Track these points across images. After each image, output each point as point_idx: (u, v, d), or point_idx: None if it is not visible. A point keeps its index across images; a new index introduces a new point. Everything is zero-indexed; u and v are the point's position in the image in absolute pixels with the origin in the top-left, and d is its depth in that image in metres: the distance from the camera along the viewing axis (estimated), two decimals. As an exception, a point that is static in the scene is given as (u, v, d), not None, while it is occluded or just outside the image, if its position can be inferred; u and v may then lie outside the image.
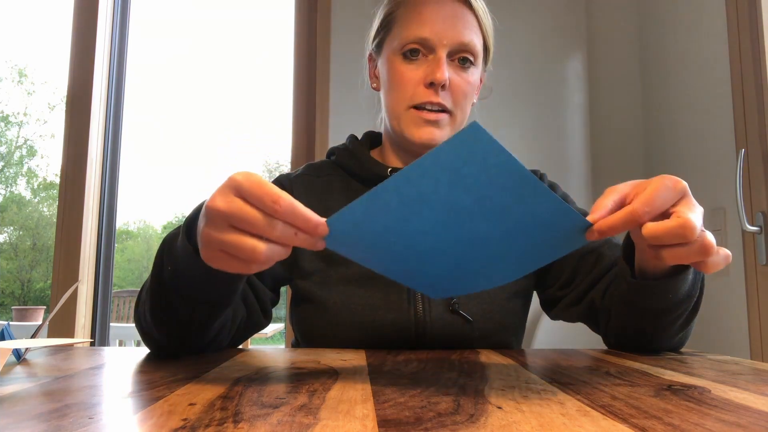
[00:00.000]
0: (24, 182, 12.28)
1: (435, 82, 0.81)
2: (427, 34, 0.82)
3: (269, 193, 0.45)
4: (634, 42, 2.12)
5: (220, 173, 18.95)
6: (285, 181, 0.92)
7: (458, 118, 0.86)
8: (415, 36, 0.83)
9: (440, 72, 0.81)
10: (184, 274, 0.60)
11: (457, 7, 0.85)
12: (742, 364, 0.62)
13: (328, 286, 0.83)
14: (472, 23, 0.85)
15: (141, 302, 0.71)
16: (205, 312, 0.65)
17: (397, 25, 0.86)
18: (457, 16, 0.84)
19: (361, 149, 0.93)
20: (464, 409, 0.39)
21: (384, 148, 0.95)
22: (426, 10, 0.84)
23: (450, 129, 0.86)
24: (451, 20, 0.83)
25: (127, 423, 0.35)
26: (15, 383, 0.49)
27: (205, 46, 20.70)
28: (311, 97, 2.02)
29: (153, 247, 14.13)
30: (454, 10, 0.84)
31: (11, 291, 11.22)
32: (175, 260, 0.60)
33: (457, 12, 0.84)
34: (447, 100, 0.83)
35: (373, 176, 0.89)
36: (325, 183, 0.93)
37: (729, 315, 1.61)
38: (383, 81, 0.89)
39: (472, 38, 0.84)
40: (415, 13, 0.84)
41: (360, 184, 0.92)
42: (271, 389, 0.46)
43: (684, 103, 1.84)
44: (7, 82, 11.92)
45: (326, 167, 0.96)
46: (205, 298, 0.63)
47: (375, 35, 0.91)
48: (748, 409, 0.39)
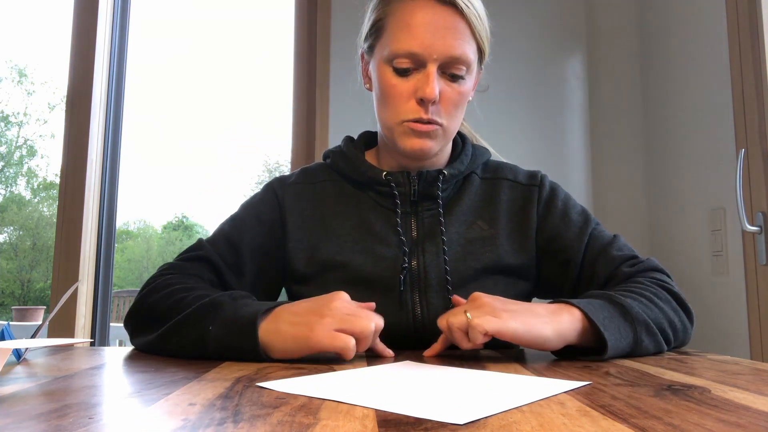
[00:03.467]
0: (24, 182, 12.27)
1: (425, 99, 0.79)
2: (416, 49, 0.79)
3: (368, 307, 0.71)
4: (634, 42, 2.12)
5: (220, 173, 18.94)
6: (278, 188, 0.93)
7: (450, 127, 0.85)
8: (404, 50, 0.80)
9: (430, 89, 0.79)
10: (227, 341, 0.66)
11: (448, 16, 0.81)
12: (742, 364, 0.62)
13: (323, 289, 0.82)
14: (463, 32, 0.82)
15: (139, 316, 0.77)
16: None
17: (386, 33, 0.83)
18: (447, 26, 0.80)
19: (355, 152, 0.92)
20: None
21: (380, 149, 0.94)
22: (415, 22, 0.80)
23: (443, 138, 0.85)
24: (441, 32, 0.80)
25: (127, 423, 0.35)
26: (15, 383, 0.49)
27: (205, 46, 20.70)
28: (311, 97, 2.02)
29: (153, 247, 14.11)
30: (445, 19, 0.80)
31: (11, 291, 11.21)
32: (227, 326, 0.66)
33: (448, 22, 0.80)
34: (438, 114, 0.82)
35: (368, 180, 0.89)
36: (320, 189, 0.92)
37: (729, 315, 1.61)
38: (375, 87, 0.87)
39: (464, 50, 0.81)
40: (404, 23, 0.81)
41: (354, 188, 0.91)
42: (271, 388, 0.46)
43: (684, 103, 1.84)
44: (7, 82, 11.91)
45: (321, 172, 0.95)
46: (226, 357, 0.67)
47: (366, 37, 0.88)
48: (748, 409, 0.39)
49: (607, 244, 0.86)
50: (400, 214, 0.86)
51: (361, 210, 0.89)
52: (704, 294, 1.70)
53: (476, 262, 0.85)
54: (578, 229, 0.88)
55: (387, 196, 0.88)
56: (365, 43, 0.89)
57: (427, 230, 0.87)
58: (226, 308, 0.67)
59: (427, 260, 0.85)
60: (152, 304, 0.75)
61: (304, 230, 0.89)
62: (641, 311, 0.69)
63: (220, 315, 0.67)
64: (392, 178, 0.87)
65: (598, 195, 2.02)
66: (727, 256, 1.62)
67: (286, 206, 0.91)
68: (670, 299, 0.76)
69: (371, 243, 0.86)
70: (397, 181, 0.87)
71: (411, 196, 0.88)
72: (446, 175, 0.88)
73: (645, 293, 0.73)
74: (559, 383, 0.49)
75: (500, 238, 0.88)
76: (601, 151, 2.07)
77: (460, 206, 0.89)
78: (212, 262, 0.85)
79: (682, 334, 0.75)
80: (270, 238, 0.90)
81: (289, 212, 0.90)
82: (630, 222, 2.01)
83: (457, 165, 0.90)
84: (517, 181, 0.93)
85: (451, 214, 0.88)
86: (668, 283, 0.79)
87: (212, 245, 0.87)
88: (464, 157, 0.91)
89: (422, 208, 0.88)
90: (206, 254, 0.85)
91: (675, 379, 0.51)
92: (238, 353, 0.65)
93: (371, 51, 0.87)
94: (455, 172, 0.89)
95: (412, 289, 0.84)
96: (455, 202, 0.90)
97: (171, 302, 0.73)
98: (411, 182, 0.88)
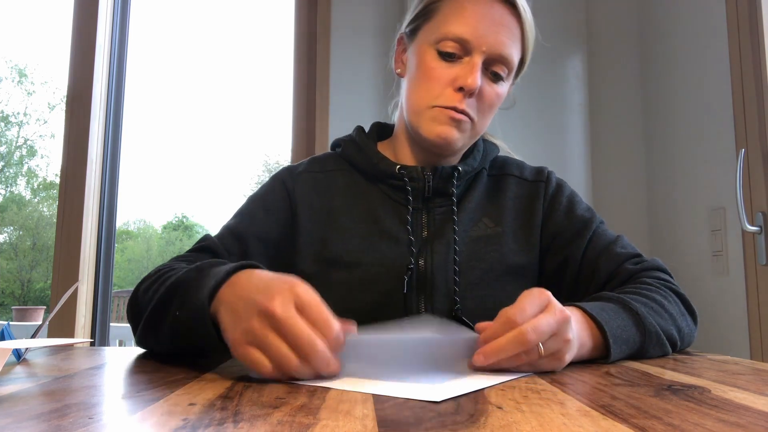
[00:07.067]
0: (24, 182, 12.27)
1: (465, 88, 0.77)
2: (467, 35, 0.77)
3: (327, 321, 0.49)
4: (634, 42, 2.12)
5: (220, 173, 18.95)
6: (288, 179, 0.89)
7: (478, 127, 0.83)
8: (454, 34, 0.77)
9: (472, 78, 0.76)
10: (190, 326, 0.56)
11: (506, 14, 0.79)
12: (742, 364, 0.62)
13: (328, 290, 0.81)
14: (516, 35, 0.80)
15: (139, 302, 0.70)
16: (190, 352, 0.63)
17: (438, 16, 0.80)
18: (503, 23, 0.78)
19: (368, 143, 0.89)
20: (464, 409, 0.39)
21: (395, 141, 0.91)
22: (472, 9, 0.78)
23: (468, 135, 0.82)
24: (495, 26, 0.78)
25: (127, 423, 0.35)
26: (15, 383, 0.49)
27: (205, 45, 20.70)
28: (311, 97, 2.02)
29: (153, 247, 14.12)
30: (501, 16, 0.79)
31: (11, 291, 11.21)
32: (187, 310, 0.56)
33: (505, 20, 0.79)
34: (472, 108, 0.79)
35: (380, 173, 0.86)
36: (329, 179, 0.89)
37: (729, 315, 1.61)
38: (410, 70, 0.84)
39: (512, 51, 0.79)
40: (461, 8, 0.78)
41: (366, 181, 0.88)
42: (271, 389, 0.46)
43: (684, 103, 1.84)
44: (7, 82, 11.91)
45: (331, 161, 0.92)
46: (199, 350, 0.61)
47: (412, 20, 0.85)
48: (748, 409, 0.39)
49: (610, 242, 0.84)
50: (411, 210, 0.84)
51: (371, 203, 0.86)
52: (704, 294, 1.69)
53: (482, 263, 0.83)
54: (581, 226, 0.86)
55: (399, 190, 0.86)
56: (409, 26, 0.86)
57: (438, 228, 0.84)
58: (190, 286, 0.58)
59: (435, 261, 0.82)
60: (140, 295, 0.70)
61: (313, 223, 0.86)
62: (654, 322, 0.66)
63: (182, 296, 0.59)
64: (406, 172, 0.85)
65: (598, 195, 2.02)
66: (727, 256, 1.62)
67: (297, 198, 0.88)
68: (679, 303, 0.74)
69: (378, 239, 0.83)
70: (411, 175, 0.85)
71: (425, 192, 0.85)
72: (461, 171, 0.86)
73: (656, 297, 0.71)
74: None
75: (505, 236, 0.86)
76: (601, 151, 2.07)
77: (469, 203, 0.87)
78: (217, 252, 0.82)
79: (688, 337, 0.74)
80: (279, 228, 0.86)
81: (301, 204, 0.87)
82: (630, 222, 2.01)
83: (470, 162, 0.88)
84: (523, 177, 0.92)
85: (460, 211, 0.86)
86: (675, 284, 0.77)
87: (218, 239, 0.84)
88: (477, 154, 0.90)
89: (434, 205, 0.86)
90: (210, 245, 0.82)
91: (675, 379, 0.51)
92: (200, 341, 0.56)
93: (414, 34, 0.84)
94: (469, 168, 0.87)
95: (418, 292, 0.82)
96: (465, 199, 0.87)
97: (154, 287, 0.67)
98: (425, 178, 0.85)
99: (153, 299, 0.63)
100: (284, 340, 0.48)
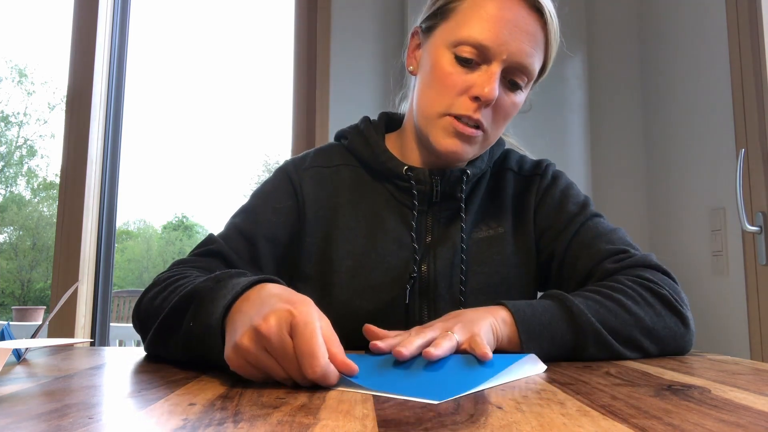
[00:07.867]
0: (24, 182, 12.27)
1: (482, 99, 0.73)
2: (488, 42, 0.72)
3: (313, 353, 0.46)
4: (634, 42, 2.12)
5: (220, 173, 18.94)
6: (294, 174, 0.86)
7: (491, 138, 0.79)
8: (474, 39, 0.72)
9: (490, 88, 0.72)
10: (201, 339, 0.55)
11: (531, 21, 0.74)
12: (742, 364, 0.62)
13: (329, 291, 0.80)
14: (540, 43, 0.75)
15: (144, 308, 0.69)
16: (199, 363, 0.61)
17: (456, 16, 0.75)
18: (528, 31, 0.73)
19: (375, 137, 0.86)
20: (464, 409, 0.39)
21: (403, 137, 0.88)
22: (494, 14, 0.72)
23: (481, 146, 0.79)
24: (519, 34, 0.72)
25: (127, 423, 0.35)
26: (15, 383, 0.49)
27: (205, 45, 20.70)
28: (311, 97, 2.02)
29: (153, 247, 14.11)
30: (527, 23, 0.73)
31: (11, 291, 11.21)
32: (200, 324, 0.55)
33: (530, 26, 0.73)
34: (486, 118, 0.75)
35: (387, 172, 0.83)
36: (335, 174, 0.86)
37: (729, 315, 1.61)
38: (424, 70, 0.79)
39: (533, 60, 0.74)
40: (482, 11, 0.73)
41: (372, 179, 0.86)
42: (271, 389, 0.46)
43: (684, 103, 1.84)
44: (7, 82, 11.91)
45: (336, 154, 0.89)
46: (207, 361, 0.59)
47: (429, 16, 0.80)
48: (748, 409, 0.39)
49: (596, 237, 0.79)
50: (416, 215, 0.81)
51: (375, 202, 0.84)
52: (704, 294, 1.69)
53: (485, 266, 0.82)
54: (568, 221, 0.82)
55: (405, 192, 0.83)
56: (425, 22, 0.81)
57: (443, 233, 0.82)
58: (204, 299, 0.57)
59: (438, 267, 0.80)
60: (148, 302, 0.69)
61: (318, 221, 0.83)
62: (594, 320, 0.63)
63: (197, 307, 0.57)
64: (413, 174, 0.82)
65: (598, 195, 2.02)
66: (727, 256, 1.62)
67: (304, 195, 0.85)
68: (656, 303, 0.68)
69: (381, 242, 0.81)
70: (418, 178, 0.82)
71: (432, 196, 0.82)
72: (470, 175, 0.83)
73: (617, 296, 0.67)
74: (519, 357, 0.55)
75: (506, 237, 0.84)
76: (601, 150, 2.07)
77: (472, 204, 0.85)
78: (225, 256, 0.78)
79: (670, 340, 0.67)
80: (287, 228, 0.83)
81: (308, 201, 0.84)
82: (630, 222, 2.01)
83: (478, 164, 0.85)
84: (520, 172, 0.89)
85: (465, 213, 0.83)
86: (656, 283, 0.70)
87: (225, 239, 0.80)
88: (485, 154, 0.86)
89: (440, 208, 0.83)
90: (218, 248, 0.79)
91: (675, 379, 0.51)
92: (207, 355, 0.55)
93: (429, 31, 0.79)
94: (477, 171, 0.85)
95: (420, 301, 0.80)
96: (468, 201, 0.85)
97: (165, 294, 0.65)
98: (433, 182, 0.82)
99: (165, 307, 0.62)
100: (274, 356, 0.47)
